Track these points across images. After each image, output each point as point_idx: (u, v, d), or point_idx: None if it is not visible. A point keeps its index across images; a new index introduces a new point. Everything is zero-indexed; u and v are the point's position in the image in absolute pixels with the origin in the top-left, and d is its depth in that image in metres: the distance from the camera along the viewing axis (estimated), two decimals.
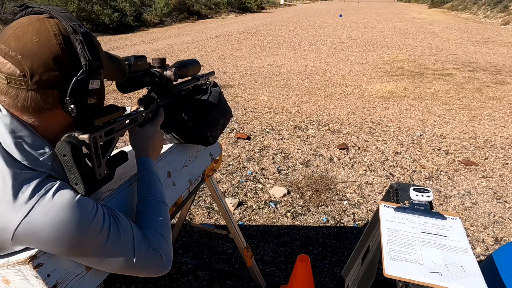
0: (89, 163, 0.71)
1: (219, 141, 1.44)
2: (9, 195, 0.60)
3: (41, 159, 0.66)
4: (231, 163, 3.22)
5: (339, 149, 3.54)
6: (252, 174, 3.05)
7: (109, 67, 0.75)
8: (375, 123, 4.25)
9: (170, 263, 0.80)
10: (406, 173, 3.11)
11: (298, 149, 3.53)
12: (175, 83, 1.07)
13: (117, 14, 12.02)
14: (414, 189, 1.11)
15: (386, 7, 32.14)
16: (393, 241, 0.96)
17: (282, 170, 3.12)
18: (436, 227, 1.01)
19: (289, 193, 2.76)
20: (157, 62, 1.00)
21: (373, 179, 3.00)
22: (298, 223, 2.43)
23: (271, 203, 2.62)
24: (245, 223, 2.41)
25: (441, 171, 3.14)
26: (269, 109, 4.69)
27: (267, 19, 18.31)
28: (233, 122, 4.19)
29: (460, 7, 23.10)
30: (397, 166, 3.23)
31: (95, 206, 0.68)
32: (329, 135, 3.89)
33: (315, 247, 2.20)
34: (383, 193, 2.36)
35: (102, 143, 0.75)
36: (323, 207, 2.60)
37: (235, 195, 2.72)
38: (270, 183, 2.91)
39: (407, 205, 1.10)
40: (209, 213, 2.50)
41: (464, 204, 2.66)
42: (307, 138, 3.81)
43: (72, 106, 0.65)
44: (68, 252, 0.65)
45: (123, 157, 0.83)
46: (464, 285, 0.82)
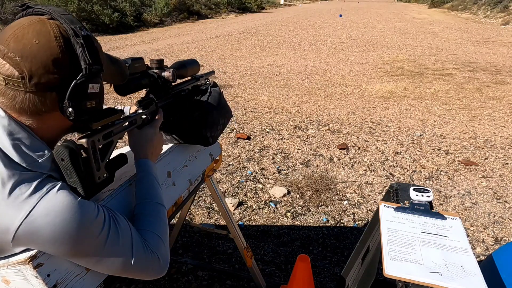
0: (88, 167, 0.71)
1: (219, 141, 1.44)
2: (9, 195, 0.60)
3: (40, 160, 0.65)
4: (231, 163, 3.22)
5: (339, 149, 3.54)
6: (252, 174, 3.05)
7: (109, 69, 0.75)
8: (375, 123, 4.25)
9: (167, 265, 0.80)
10: (406, 173, 3.11)
11: (298, 149, 3.53)
12: (174, 83, 1.07)
13: (117, 14, 12.03)
14: (414, 189, 1.11)
15: (386, 7, 32.13)
16: (393, 241, 0.96)
17: (282, 170, 3.12)
18: (436, 227, 1.01)
19: (289, 193, 2.76)
20: (155, 63, 1.00)
21: (373, 179, 3.00)
22: (298, 223, 2.43)
23: (271, 203, 2.62)
24: (245, 223, 2.41)
25: (441, 171, 3.14)
26: (269, 109, 4.69)
27: (267, 19, 18.31)
28: (233, 122, 4.19)
29: (460, 7, 23.10)
30: (397, 166, 3.23)
31: (96, 207, 0.68)
32: (329, 135, 3.89)
33: (315, 247, 2.20)
34: (383, 193, 2.36)
35: (100, 146, 0.74)
36: (323, 207, 2.60)
37: (235, 195, 2.72)
38: (270, 183, 2.91)
39: (407, 205, 1.10)
40: (209, 213, 2.51)
41: (464, 204, 2.66)
42: (307, 138, 3.81)
43: (70, 109, 0.64)
44: (68, 252, 0.65)
45: (123, 159, 0.83)
46: (464, 285, 0.82)
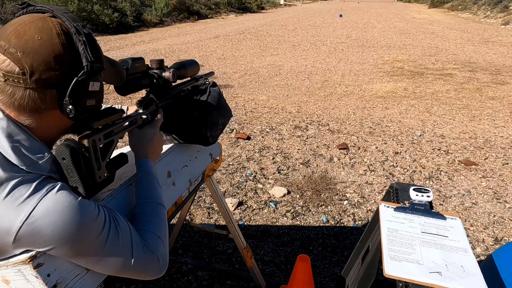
0: (89, 166, 0.71)
1: (219, 141, 1.44)
2: (9, 197, 0.59)
3: (40, 162, 0.64)
4: (231, 163, 3.22)
5: (339, 149, 3.54)
6: (252, 174, 3.05)
7: (108, 70, 0.75)
8: (375, 123, 4.25)
9: (166, 265, 0.80)
10: (406, 173, 3.11)
11: (298, 149, 3.53)
12: (174, 84, 1.07)
13: (117, 14, 12.03)
14: (414, 189, 1.11)
15: (386, 7, 32.13)
16: (393, 241, 0.96)
17: (282, 170, 3.12)
18: (436, 227, 1.01)
19: (289, 193, 2.76)
20: (155, 63, 1.00)
21: (373, 179, 3.00)
22: (298, 223, 2.43)
23: (271, 203, 2.62)
24: (245, 223, 2.41)
25: (441, 171, 3.14)
26: (269, 109, 4.69)
27: (267, 19, 18.30)
28: (233, 122, 4.19)
29: (460, 7, 23.09)
30: (397, 166, 3.23)
31: (96, 207, 0.68)
32: (329, 135, 3.89)
33: (315, 247, 2.20)
34: (383, 193, 2.36)
35: (101, 145, 0.74)
36: (323, 207, 2.60)
37: (235, 195, 2.72)
38: (270, 183, 2.91)
39: (407, 205, 1.10)
40: (209, 213, 2.51)
41: (464, 204, 2.66)
42: (307, 138, 3.81)
43: (70, 107, 0.64)
44: (68, 252, 0.65)
45: (123, 159, 0.83)
46: (464, 285, 0.82)
